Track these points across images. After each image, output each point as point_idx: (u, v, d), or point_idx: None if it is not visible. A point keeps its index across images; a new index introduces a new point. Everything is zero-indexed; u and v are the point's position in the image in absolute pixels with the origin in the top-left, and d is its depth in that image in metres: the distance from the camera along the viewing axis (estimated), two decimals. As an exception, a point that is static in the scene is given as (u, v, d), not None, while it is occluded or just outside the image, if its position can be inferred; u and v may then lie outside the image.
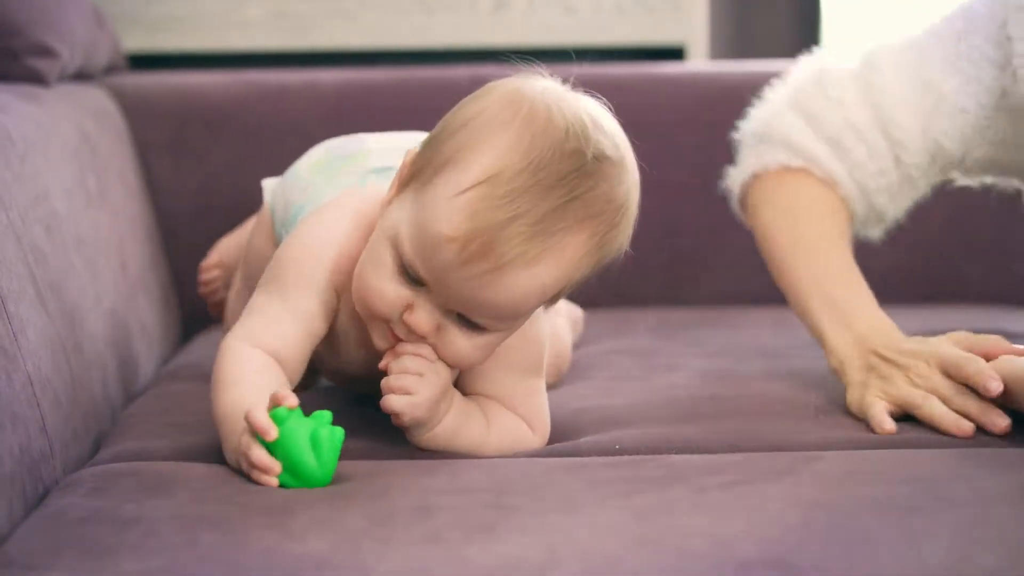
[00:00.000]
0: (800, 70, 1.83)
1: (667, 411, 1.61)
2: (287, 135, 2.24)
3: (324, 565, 1.15)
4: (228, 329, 1.59)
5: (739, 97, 2.28)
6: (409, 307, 1.38)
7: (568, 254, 1.35)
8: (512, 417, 1.49)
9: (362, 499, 1.29)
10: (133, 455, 1.48)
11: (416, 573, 1.14)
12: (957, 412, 1.51)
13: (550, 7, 2.47)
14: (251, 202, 2.23)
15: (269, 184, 1.74)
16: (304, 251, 1.47)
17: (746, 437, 1.50)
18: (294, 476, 1.33)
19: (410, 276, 1.37)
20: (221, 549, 1.18)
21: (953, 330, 1.60)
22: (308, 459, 1.33)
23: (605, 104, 1.42)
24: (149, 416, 1.64)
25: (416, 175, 1.39)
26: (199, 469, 1.40)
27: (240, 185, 2.24)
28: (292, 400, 1.34)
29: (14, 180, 1.59)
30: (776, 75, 1.91)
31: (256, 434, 1.33)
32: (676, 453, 1.46)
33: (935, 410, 1.51)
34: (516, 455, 1.46)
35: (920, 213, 1.86)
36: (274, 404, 1.34)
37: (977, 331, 1.58)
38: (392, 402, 1.40)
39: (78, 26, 2.04)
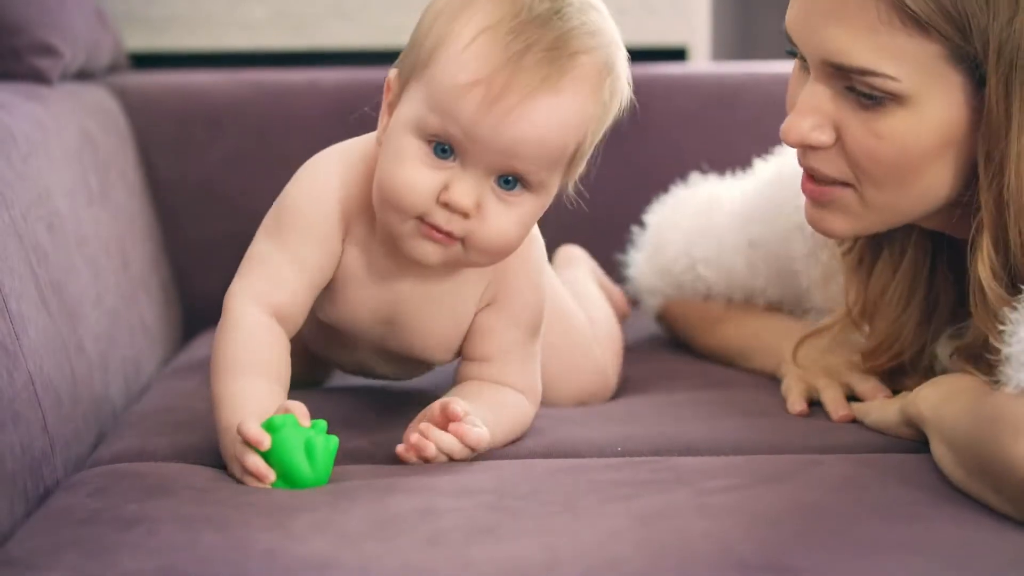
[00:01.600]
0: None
1: (669, 413, 1.61)
2: (288, 134, 2.24)
3: (326, 566, 1.15)
4: None
5: (741, 98, 2.28)
6: (445, 188, 1.37)
7: (587, 82, 1.38)
8: (510, 396, 1.50)
9: (364, 501, 1.29)
10: (134, 454, 1.48)
11: (418, 574, 1.15)
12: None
13: (552, 8, 2.47)
14: (252, 201, 2.23)
15: None
16: (305, 198, 1.47)
17: (748, 440, 1.50)
18: (289, 483, 1.33)
19: (441, 153, 1.37)
20: (222, 550, 1.18)
21: None
22: (302, 465, 1.33)
23: None
24: (150, 415, 1.64)
25: (408, 80, 1.40)
26: (201, 470, 1.40)
27: (242, 184, 2.24)
28: (299, 411, 1.35)
29: (16, 179, 1.59)
30: (777, 76, 1.91)
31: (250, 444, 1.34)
32: (677, 455, 1.46)
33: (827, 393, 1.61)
34: (518, 456, 1.46)
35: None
36: (284, 411, 1.35)
37: None
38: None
39: (81, 25, 2.04)
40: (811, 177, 1.47)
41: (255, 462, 1.33)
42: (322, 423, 1.36)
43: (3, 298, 1.44)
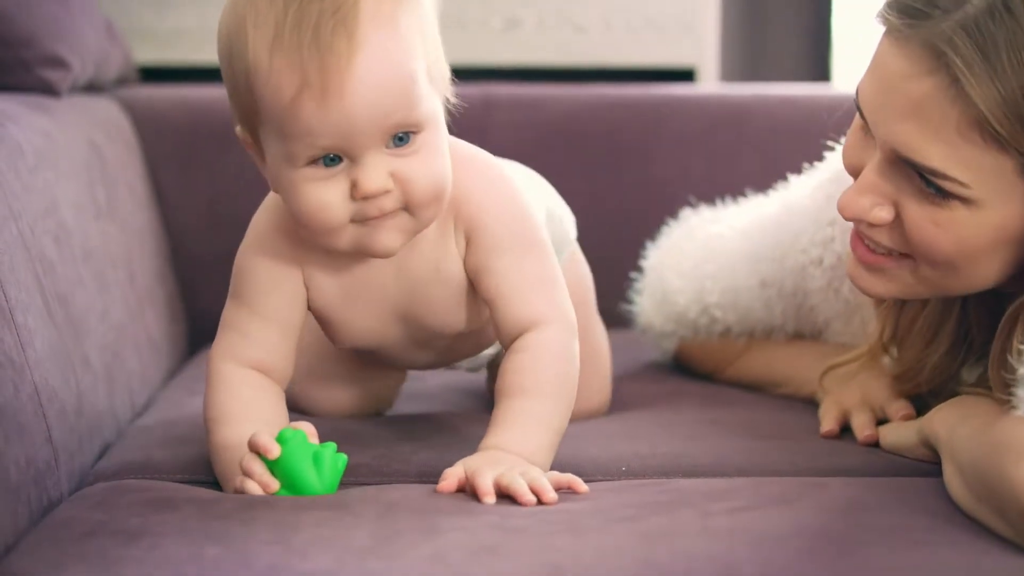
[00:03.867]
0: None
1: (674, 434, 1.60)
2: (296, 150, 2.24)
3: (328, 582, 1.15)
4: None
5: (749, 119, 2.29)
6: (354, 185, 1.35)
7: (382, 9, 1.33)
8: (542, 371, 1.42)
9: (368, 518, 1.29)
10: (138, 467, 1.48)
11: (421, 592, 1.15)
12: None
13: (561, 27, 2.47)
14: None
15: None
16: (250, 254, 1.48)
17: (753, 461, 1.50)
18: (294, 493, 1.33)
19: (330, 163, 1.35)
20: (225, 564, 1.18)
21: None
22: (310, 475, 1.34)
23: None
24: (155, 428, 1.64)
25: (254, 128, 1.38)
26: (205, 484, 1.40)
27: (249, 199, 2.22)
28: (308, 429, 1.36)
29: (24, 191, 1.59)
30: (786, 98, 1.91)
31: (259, 454, 1.34)
32: (683, 477, 1.46)
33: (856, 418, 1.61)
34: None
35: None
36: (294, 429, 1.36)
37: None
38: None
39: (90, 38, 2.05)
40: (865, 246, 1.46)
41: (257, 469, 1.34)
42: (332, 444, 1.36)
43: (10, 310, 1.44)
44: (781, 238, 1.76)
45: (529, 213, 1.48)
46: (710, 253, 1.86)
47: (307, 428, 1.37)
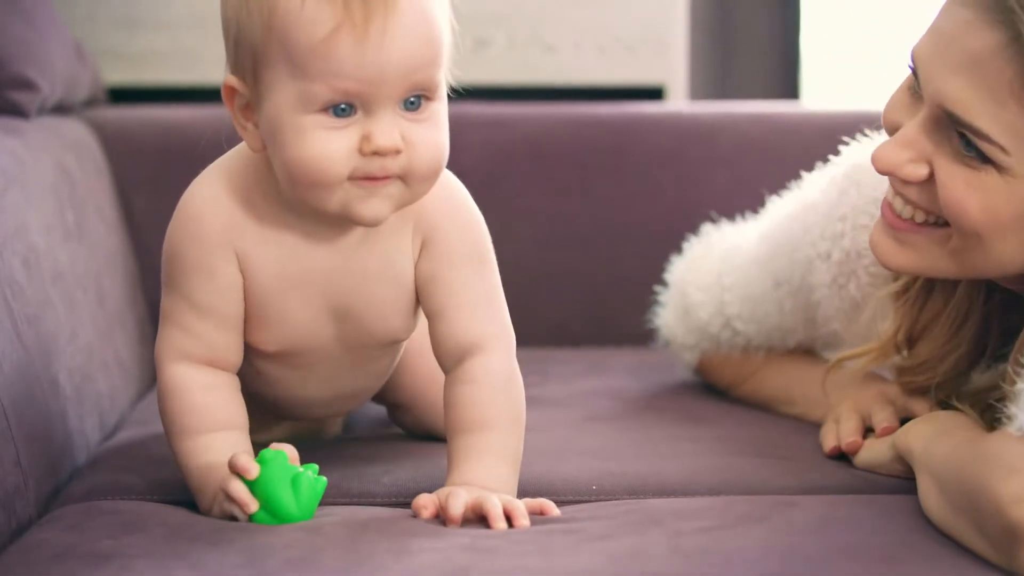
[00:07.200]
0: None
1: (645, 452, 1.60)
2: (267, 170, 2.24)
3: (299, 604, 1.15)
4: None
5: (718, 138, 2.29)
6: (365, 139, 1.33)
7: None
8: (492, 403, 1.41)
9: (339, 540, 1.29)
10: (108, 490, 1.48)
11: (391, 614, 1.14)
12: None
13: (530, 46, 2.48)
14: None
15: None
16: (181, 236, 1.42)
17: (723, 480, 1.50)
18: (273, 516, 1.33)
19: (341, 113, 1.32)
20: (195, 587, 1.18)
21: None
22: (287, 499, 1.33)
23: None
24: (125, 451, 1.63)
25: (255, 72, 1.35)
26: (176, 507, 1.40)
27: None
28: (290, 451, 1.35)
29: (-7, 213, 1.59)
30: (754, 116, 1.91)
31: (238, 473, 1.33)
32: (653, 496, 1.46)
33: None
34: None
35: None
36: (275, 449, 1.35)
37: None
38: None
39: (59, 59, 2.04)
40: (895, 211, 1.44)
41: (239, 489, 1.33)
42: (314, 465, 1.36)
43: (-22, 333, 1.44)
44: (794, 233, 1.73)
45: (484, 228, 1.47)
46: (727, 265, 1.85)
47: (289, 450, 1.35)
